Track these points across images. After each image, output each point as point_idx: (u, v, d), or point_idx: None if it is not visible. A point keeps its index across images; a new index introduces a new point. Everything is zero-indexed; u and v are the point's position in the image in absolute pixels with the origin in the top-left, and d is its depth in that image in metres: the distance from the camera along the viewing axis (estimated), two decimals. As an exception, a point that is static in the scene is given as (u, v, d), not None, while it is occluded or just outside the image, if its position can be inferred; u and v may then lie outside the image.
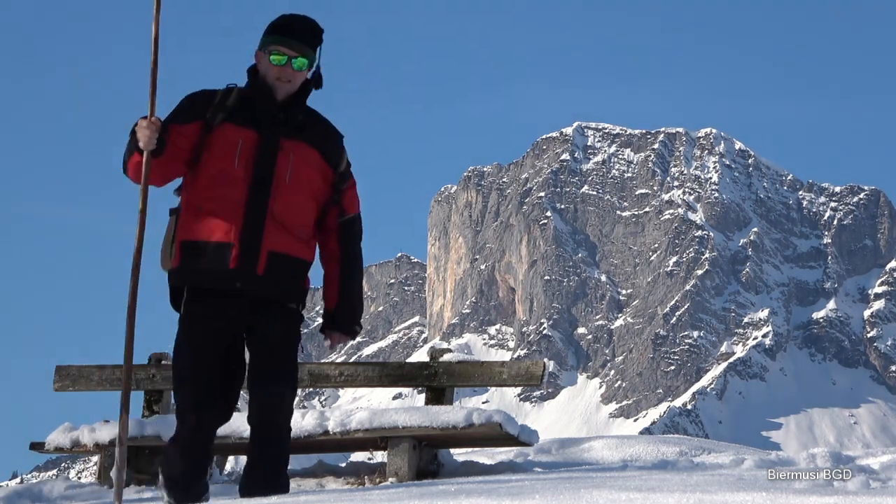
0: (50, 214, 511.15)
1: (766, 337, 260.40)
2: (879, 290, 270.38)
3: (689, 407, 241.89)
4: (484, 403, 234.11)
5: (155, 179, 6.76)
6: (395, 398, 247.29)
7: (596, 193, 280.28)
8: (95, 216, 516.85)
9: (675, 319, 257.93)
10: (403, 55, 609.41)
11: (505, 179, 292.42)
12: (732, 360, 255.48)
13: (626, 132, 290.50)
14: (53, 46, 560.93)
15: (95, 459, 9.39)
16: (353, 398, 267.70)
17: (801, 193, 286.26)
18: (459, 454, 9.42)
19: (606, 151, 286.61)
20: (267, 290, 6.74)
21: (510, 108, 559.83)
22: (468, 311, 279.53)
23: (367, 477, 8.90)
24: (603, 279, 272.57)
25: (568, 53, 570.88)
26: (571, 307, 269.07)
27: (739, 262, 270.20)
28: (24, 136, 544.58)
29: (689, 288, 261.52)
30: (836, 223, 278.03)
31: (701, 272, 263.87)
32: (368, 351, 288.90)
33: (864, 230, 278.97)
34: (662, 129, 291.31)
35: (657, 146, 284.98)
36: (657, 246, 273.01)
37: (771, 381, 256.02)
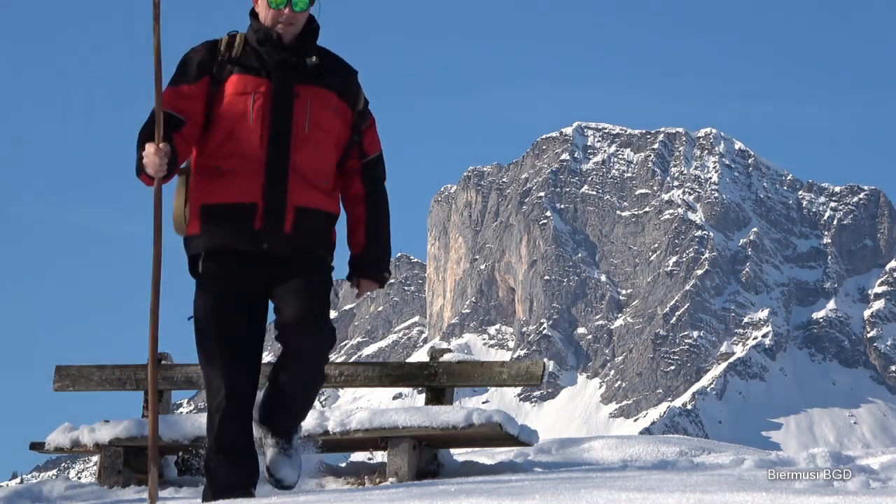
0: (50, 214, 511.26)
1: (766, 337, 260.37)
2: (879, 290, 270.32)
3: (689, 407, 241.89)
4: (484, 403, 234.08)
5: (171, 176, 6.47)
6: (395, 398, 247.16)
7: (596, 193, 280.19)
8: (95, 216, 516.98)
9: (674, 319, 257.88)
10: (403, 55, 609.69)
11: (505, 179, 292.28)
12: (732, 360, 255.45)
13: (626, 132, 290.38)
14: (62, 45, 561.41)
15: (95, 459, 9.38)
16: (353, 398, 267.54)
17: (801, 193, 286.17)
18: (459, 454, 9.41)
19: (606, 151, 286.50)
20: (295, 248, 6.44)
21: (510, 108, 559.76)
22: (468, 311, 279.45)
23: (367, 477, 8.90)
24: (603, 279, 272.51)
25: (568, 53, 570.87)
26: (571, 307, 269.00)
27: (739, 262, 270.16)
28: (23, 136, 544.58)
29: (688, 288, 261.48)
30: (836, 223, 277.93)
31: (701, 272, 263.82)
32: (368, 351, 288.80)
33: (864, 230, 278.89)
34: (662, 129, 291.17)
35: (657, 146, 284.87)
36: (657, 246, 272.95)
37: (771, 381, 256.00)
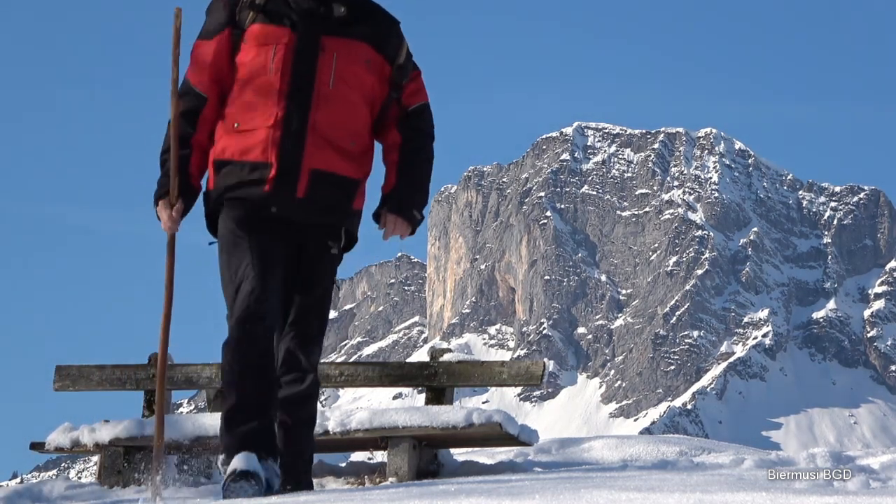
0: (50, 214, 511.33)
1: (766, 337, 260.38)
2: (879, 290, 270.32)
3: (689, 407, 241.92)
4: (484, 403, 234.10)
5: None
6: (395, 398, 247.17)
7: (596, 193, 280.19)
8: (96, 216, 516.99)
9: (675, 319, 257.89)
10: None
11: (505, 179, 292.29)
12: (732, 359, 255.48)
13: (626, 132, 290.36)
14: (62, 46, 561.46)
15: (95, 459, 9.38)
16: (353, 398, 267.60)
17: (801, 193, 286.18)
18: (459, 454, 9.40)
19: (606, 151, 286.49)
20: (308, 214, 5.99)
21: (510, 108, 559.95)
22: (468, 310, 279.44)
23: (367, 477, 8.90)
24: (603, 279, 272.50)
25: (568, 53, 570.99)
26: (571, 307, 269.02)
27: (739, 261, 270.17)
28: (23, 136, 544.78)
29: (689, 288, 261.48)
30: (836, 223, 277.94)
31: (701, 272, 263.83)
32: (368, 351, 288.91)
33: (864, 230, 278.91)
34: (662, 128, 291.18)
35: (657, 146, 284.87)
36: (657, 246, 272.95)
37: (771, 380, 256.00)
